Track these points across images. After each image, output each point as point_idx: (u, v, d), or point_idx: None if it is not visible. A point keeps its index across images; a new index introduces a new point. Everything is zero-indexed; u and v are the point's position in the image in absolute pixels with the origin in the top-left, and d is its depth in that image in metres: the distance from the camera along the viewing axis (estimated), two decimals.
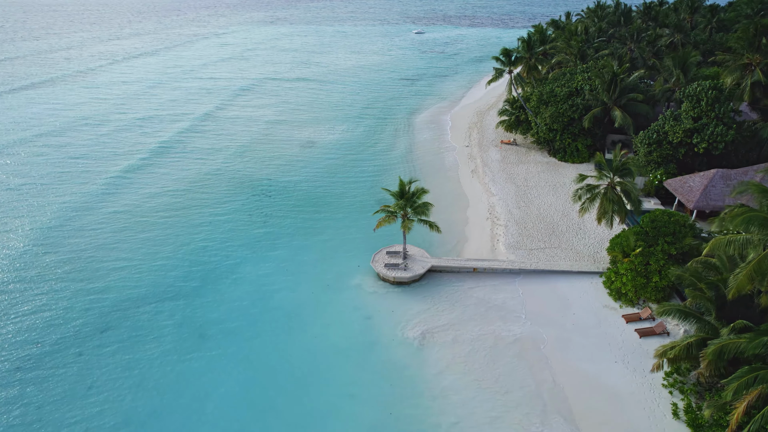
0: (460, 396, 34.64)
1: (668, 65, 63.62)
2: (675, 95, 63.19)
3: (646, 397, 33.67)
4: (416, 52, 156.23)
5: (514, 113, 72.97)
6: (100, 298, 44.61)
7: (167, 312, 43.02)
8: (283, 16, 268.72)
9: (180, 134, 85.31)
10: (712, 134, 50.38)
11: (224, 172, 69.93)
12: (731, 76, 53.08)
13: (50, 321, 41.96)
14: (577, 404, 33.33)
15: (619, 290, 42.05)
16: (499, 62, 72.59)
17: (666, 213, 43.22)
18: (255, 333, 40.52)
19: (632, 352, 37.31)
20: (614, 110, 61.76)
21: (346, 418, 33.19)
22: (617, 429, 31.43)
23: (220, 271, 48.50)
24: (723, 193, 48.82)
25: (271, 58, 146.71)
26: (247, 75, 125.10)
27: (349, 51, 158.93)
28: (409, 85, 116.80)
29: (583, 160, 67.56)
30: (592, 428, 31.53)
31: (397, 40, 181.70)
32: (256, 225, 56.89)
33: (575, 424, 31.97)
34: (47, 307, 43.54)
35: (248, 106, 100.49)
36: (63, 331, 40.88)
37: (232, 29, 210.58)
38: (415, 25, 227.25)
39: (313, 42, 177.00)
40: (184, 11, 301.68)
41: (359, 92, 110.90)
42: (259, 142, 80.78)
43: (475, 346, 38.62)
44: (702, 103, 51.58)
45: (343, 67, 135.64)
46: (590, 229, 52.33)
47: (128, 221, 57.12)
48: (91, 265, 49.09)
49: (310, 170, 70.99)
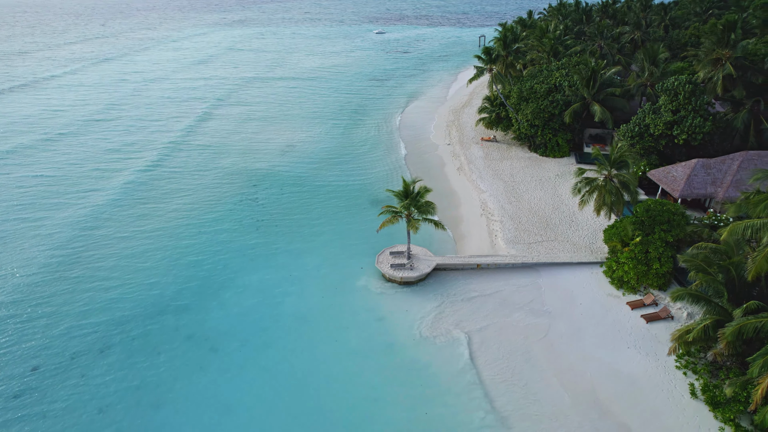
0: (484, 390, 35.00)
1: (640, 61, 66.41)
2: (648, 90, 66.23)
3: (663, 379, 35.04)
4: (380, 53, 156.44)
5: (495, 110, 74.30)
6: (94, 318, 42.30)
7: (171, 327, 41.38)
8: (236, 18, 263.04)
9: (153, 144, 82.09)
10: (691, 126, 52.95)
11: (205, 181, 67.57)
12: (703, 70, 56.01)
13: (44, 345, 39.49)
14: (602, 391, 34.29)
15: (621, 278, 43.55)
16: (480, 61, 73.69)
17: (659, 202, 45.13)
18: (269, 341, 39.57)
19: (642, 337, 38.73)
20: (593, 105, 63.90)
21: (377, 422, 32.91)
22: (644, 412, 32.55)
23: (219, 282, 47.04)
24: (705, 181, 51.41)
25: (232, 62, 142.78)
26: (212, 81, 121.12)
27: (312, 53, 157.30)
28: (379, 85, 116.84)
29: (564, 154, 69.57)
30: (622, 412, 32.52)
31: (359, 40, 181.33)
32: (248, 232, 55.51)
33: (605, 410, 32.88)
34: (37, 331, 40.97)
35: (219, 114, 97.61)
36: (60, 353, 38.60)
37: (186, 33, 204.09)
38: (374, 25, 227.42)
39: (274, 45, 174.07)
40: (129, 13, 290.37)
41: (330, 94, 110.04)
42: (237, 149, 78.55)
43: (491, 340, 39.15)
44: (680, 96, 54.12)
45: (308, 69, 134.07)
46: (582, 221, 53.96)
47: (110, 240, 53.89)
48: (79, 286, 46.37)
49: (294, 174, 69.89)
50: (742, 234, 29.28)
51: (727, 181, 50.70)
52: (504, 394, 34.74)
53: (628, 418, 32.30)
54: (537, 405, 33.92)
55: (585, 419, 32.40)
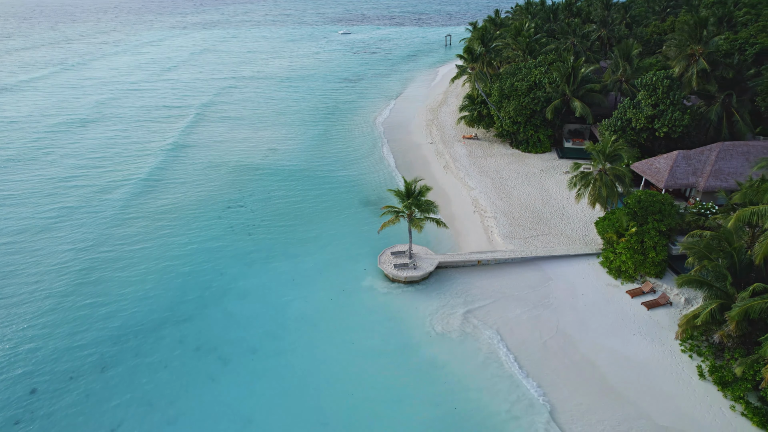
0: (507, 383, 35.48)
1: (614, 57, 68.72)
2: (623, 86, 68.59)
3: (670, 363, 36.39)
4: (348, 53, 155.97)
5: (476, 108, 75.29)
6: (91, 335, 40.45)
7: (175, 339, 40.05)
8: (195, 20, 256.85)
9: (129, 156, 79.20)
10: (671, 119, 55.17)
11: (188, 190, 65.33)
12: (679, 65, 58.50)
13: (39, 365, 37.52)
14: (615, 379, 35.28)
15: (618, 268, 44.94)
16: (462, 60, 74.48)
17: (649, 193, 46.84)
18: (281, 349, 38.84)
19: (645, 324, 40.11)
20: (573, 101, 65.68)
21: (405, 423, 32.81)
22: (658, 396, 33.71)
23: (219, 290, 45.86)
24: (686, 171, 53.64)
25: (198, 67, 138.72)
26: (180, 88, 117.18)
27: (279, 55, 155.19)
28: (352, 86, 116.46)
29: (546, 149, 71.23)
30: (638, 398, 33.56)
31: (325, 42, 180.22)
32: (241, 238, 54.32)
33: (622, 397, 33.84)
34: (31, 351, 38.87)
35: (193, 121, 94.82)
36: (59, 374, 36.76)
37: (146, 37, 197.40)
38: (337, 26, 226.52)
39: (239, 48, 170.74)
40: (79, 16, 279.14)
41: (304, 96, 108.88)
42: (217, 155, 76.55)
43: (505, 332, 39.74)
44: (658, 91, 56.28)
45: (278, 72, 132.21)
46: (572, 214, 55.38)
47: (98, 256, 51.45)
48: (72, 303, 44.22)
49: (279, 177, 68.83)
50: (749, 220, 30.77)
51: (707, 171, 53.05)
52: (525, 384, 35.32)
53: (645, 404, 33.36)
54: (558, 392, 34.63)
55: (605, 407, 33.25)
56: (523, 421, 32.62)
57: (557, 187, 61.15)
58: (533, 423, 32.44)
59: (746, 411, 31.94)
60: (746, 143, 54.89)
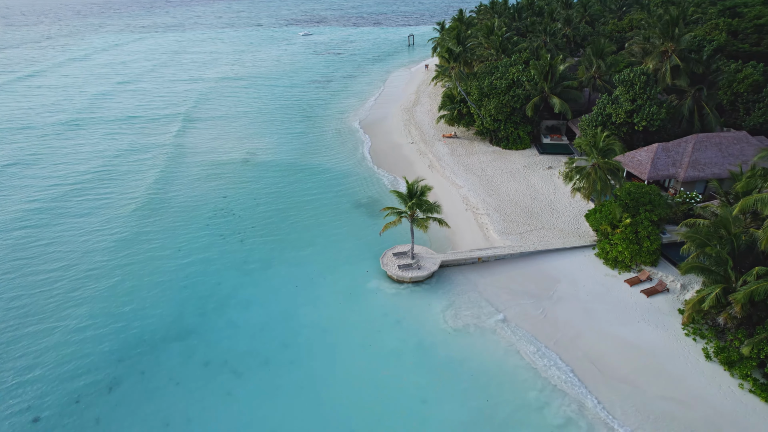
0: (531, 373, 36.23)
1: (587, 55, 71.06)
2: (597, 82, 71.01)
3: (676, 346, 37.89)
4: (313, 55, 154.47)
5: (456, 107, 76.10)
6: (91, 355, 38.46)
7: (182, 354, 38.56)
8: (146, 24, 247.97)
9: (105, 167, 75.66)
10: (649, 113, 57.50)
11: (172, 200, 62.84)
12: (653, 62, 61.10)
13: (41, 388, 35.36)
14: (627, 366, 36.38)
15: (615, 258, 46.46)
16: (443, 60, 75.06)
17: (638, 185, 48.73)
18: (295, 358, 38.04)
19: (647, 310, 41.62)
20: (552, 98, 67.47)
21: (435, 422, 32.78)
22: (669, 380, 34.98)
23: (219, 301, 44.48)
24: (666, 163, 56.07)
25: (158, 74, 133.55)
26: (145, 96, 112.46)
27: (241, 59, 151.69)
28: (323, 88, 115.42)
29: (526, 146, 72.80)
30: (650, 383, 34.70)
31: (287, 44, 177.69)
32: (233, 246, 52.88)
33: (635, 384, 34.96)
34: (30, 374, 36.57)
35: (167, 128, 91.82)
36: (64, 397, 34.75)
37: (96, 42, 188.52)
38: (296, 27, 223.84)
39: (198, 52, 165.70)
40: (14, 19, 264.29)
41: (276, 100, 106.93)
42: (195, 163, 74.05)
43: (518, 326, 40.42)
44: (636, 86, 58.57)
45: (243, 75, 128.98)
46: (561, 208, 56.83)
47: (83, 274, 49.06)
48: (66, 324, 41.92)
49: (264, 182, 67.42)
50: (753, 207, 32.50)
51: (685, 162, 55.65)
52: (547, 373, 36.05)
53: (659, 389, 34.54)
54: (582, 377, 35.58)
55: (622, 396, 34.27)
56: (553, 405, 33.46)
57: (543, 183, 62.61)
58: (563, 407, 33.29)
59: (754, 388, 33.66)
60: (718, 135, 57.95)
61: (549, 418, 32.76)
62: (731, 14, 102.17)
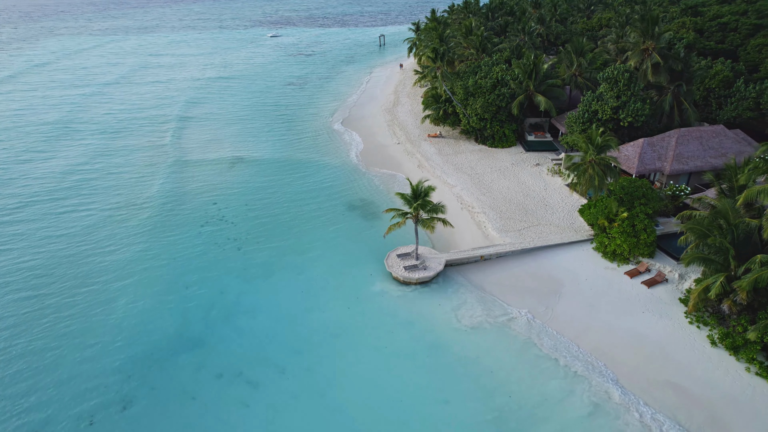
0: (551, 363, 36.97)
1: (568, 53, 72.73)
2: (578, 79, 72.73)
3: (682, 334, 39.19)
4: (284, 57, 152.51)
5: (441, 107, 76.55)
6: (98, 372, 36.89)
7: (193, 366, 37.44)
8: (101, 27, 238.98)
9: (87, 178, 72.63)
10: (634, 109, 59.28)
11: (160, 208, 60.83)
12: (634, 59, 63.06)
13: (50, 412, 33.64)
14: (636, 356, 37.38)
15: (614, 252, 47.69)
16: (428, 59, 75.34)
17: (631, 180, 50.25)
18: (310, 365, 37.49)
19: (649, 301, 42.90)
20: (537, 96, 68.72)
21: (459, 421, 32.87)
22: (679, 368, 36.10)
23: (224, 309, 43.42)
24: (653, 157, 57.90)
25: (126, 78, 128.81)
26: (118, 102, 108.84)
27: (212, 61, 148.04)
28: (300, 90, 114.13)
29: (511, 144, 73.89)
30: (660, 372, 35.74)
31: (255, 46, 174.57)
32: (231, 253, 51.70)
33: (645, 373, 35.97)
34: (35, 396, 34.76)
35: (144, 133, 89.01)
36: (74, 419, 33.15)
37: (52, 46, 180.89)
38: (262, 29, 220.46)
39: (166, 56, 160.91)
40: None
41: (254, 103, 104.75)
42: (179, 171, 71.57)
43: (531, 321, 41.03)
44: (620, 83, 60.29)
45: (217, 79, 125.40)
46: (554, 204, 57.91)
47: (80, 290, 46.90)
48: (67, 341, 40.06)
49: (253, 187, 66.14)
50: (756, 197, 33.95)
51: (670, 156, 57.62)
52: (567, 362, 36.81)
53: (670, 376, 35.66)
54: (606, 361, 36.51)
55: (640, 386, 35.21)
56: (577, 394, 34.17)
57: (533, 180, 63.69)
58: (586, 395, 34.13)
59: (760, 371, 35.15)
60: (698, 129, 60.28)
61: (574, 409, 33.31)
62: (693, 13, 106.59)
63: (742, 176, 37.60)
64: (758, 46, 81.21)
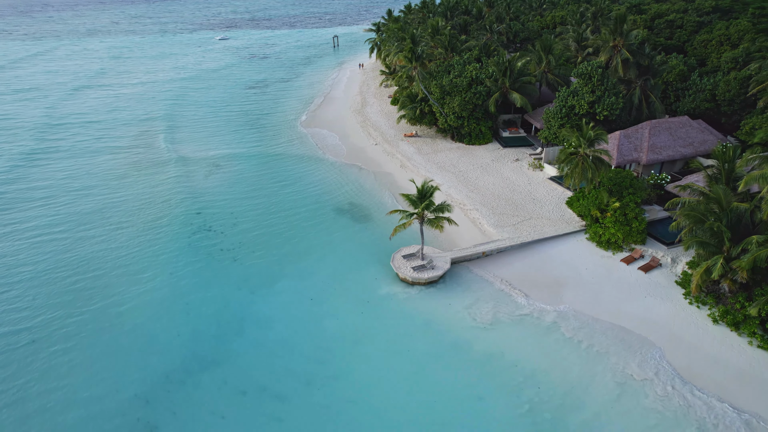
0: (568, 350, 37.92)
1: (537, 51, 75.13)
2: (549, 76, 75.25)
3: (684, 315, 41.37)
4: (238, 60, 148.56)
5: (417, 106, 77.03)
6: (115, 397, 34.62)
7: (214, 385, 35.84)
8: (27, 32, 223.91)
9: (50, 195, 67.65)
10: (608, 103, 62.02)
11: (141, 224, 57.82)
12: (605, 56, 65.99)
13: None
14: (649, 337, 39.23)
15: (608, 240, 49.71)
16: (406, 59, 75.49)
17: (617, 171, 52.63)
18: (335, 372, 36.75)
19: (648, 285, 45.00)
20: (512, 93, 70.53)
21: (496, 416, 33.24)
22: (688, 348, 37.94)
23: (233, 323, 41.83)
24: (629, 148, 60.74)
25: (66, 86, 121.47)
26: (65, 114, 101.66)
27: (162, 66, 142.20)
28: (263, 93, 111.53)
29: (488, 141, 75.43)
30: (672, 353, 37.58)
31: (204, 50, 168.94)
32: (226, 265, 49.86)
33: (662, 354, 37.82)
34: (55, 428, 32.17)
35: (110, 151, 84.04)
36: None
37: None
38: (207, 32, 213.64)
39: (106, 59, 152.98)
40: None
41: (217, 108, 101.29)
42: (154, 182, 68.19)
43: (543, 311, 42.04)
44: (593, 79, 62.90)
45: (172, 86, 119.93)
46: (541, 197, 59.63)
47: (74, 314, 44.10)
48: (76, 373, 37.28)
49: (236, 195, 64.05)
50: (754, 182, 36.44)
51: (645, 147, 60.67)
52: (583, 354, 37.95)
53: (683, 356, 37.57)
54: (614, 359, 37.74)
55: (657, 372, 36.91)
56: (601, 374, 35.70)
57: (516, 175, 65.31)
58: (612, 373, 35.69)
59: (761, 343, 37.70)
60: (667, 120, 63.81)
61: (602, 393, 34.43)
62: (637, 11, 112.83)
63: (741, 162, 40.17)
64: (703, 42, 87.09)
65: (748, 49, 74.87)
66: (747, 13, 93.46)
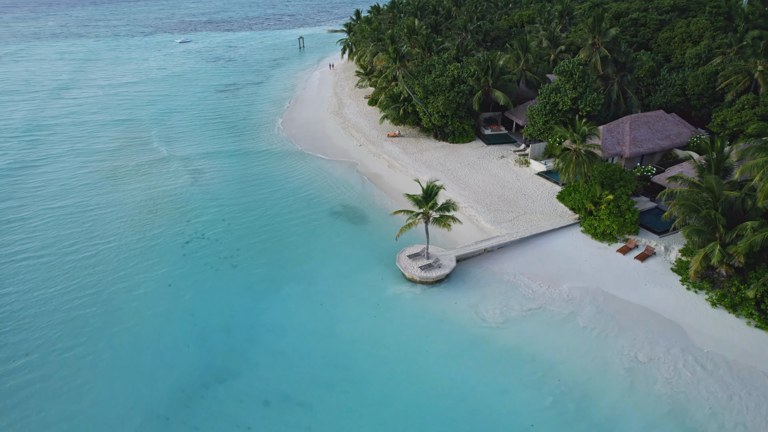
0: (580, 342, 38.89)
1: (515, 49, 76.71)
2: (528, 74, 76.95)
3: (683, 300, 43.10)
4: (203, 63, 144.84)
5: (400, 106, 77.21)
6: (133, 418, 33.11)
7: (233, 396, 34.91)
8: None
9: None
10: (590, 99, 63.99)
11: (130, 234, 55.59)
12: (584, 53, 68.04)
13: None
14: (655, 324, 40.72)
15: (603, 232, 51.26)
16: (389, 60, 75.44)
17: (607, 165, 54.36)
18: (357, 376, 36.43)
19: (646, 273, 46.68)
20: (494, 92, 71.76)
21: (520, 411, 33.72)
22: (692, 332, 39.39)
23: (244, 332, 40.80)
24: (613, 142, 62.83)
25: (17, 96, 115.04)
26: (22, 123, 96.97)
27: (122, 70, 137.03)
28: (234, 97, 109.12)
29: (471, 139, 76.44)
30: (677, 339, 39.11)
31: (165, 53, 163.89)
32: (226, 272, 48.62)
33: (670, 341, 39.32)
34: None
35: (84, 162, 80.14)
36: None
37: None
38: (165, 35, 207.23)
39: (59, 61, 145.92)
40: None
41: (191, 114, 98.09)
42: (135, 193, 65.36)
43: (552, 304, 42.92)
44: (575, 76, 64.75)
45: (136, 92, 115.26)
46: (532, 192, 60.87)
47: (76, 333, 41.93)
48: (89, 393, 35.43)
49: (225, 200, 62.46)
50: (750, 172, 38.42)
51: (627, 141, 62.93)
52: (593, 348, 38.76)
53: (688, 340, 39.18)
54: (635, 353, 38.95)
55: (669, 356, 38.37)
56: (615, 362, 36.51)
57: (503, 171, 66.43)
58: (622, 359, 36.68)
59: (759, 323, 39.76)
60: (645, 114, 66.34)
61: (617, 381, 35.49)
62: (601, 10, 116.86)
63: (737, 152, 42.15)
64: (666, 39, 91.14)
65: (709, 45, 78.85)
66: (704, 11, 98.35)
